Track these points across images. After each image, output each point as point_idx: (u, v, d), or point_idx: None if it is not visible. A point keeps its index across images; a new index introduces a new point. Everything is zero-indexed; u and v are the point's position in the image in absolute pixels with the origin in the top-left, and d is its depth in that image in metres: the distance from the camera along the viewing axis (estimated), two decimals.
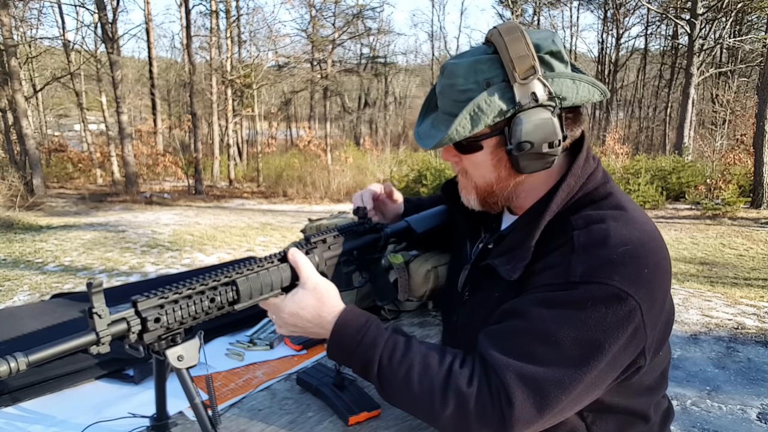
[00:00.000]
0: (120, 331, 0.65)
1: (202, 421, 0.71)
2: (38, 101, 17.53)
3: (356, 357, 0.80)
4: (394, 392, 0.78)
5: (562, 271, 0.75)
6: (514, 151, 0.78)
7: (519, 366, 0.71)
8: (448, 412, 0.72)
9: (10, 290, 4.96)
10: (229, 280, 0.76)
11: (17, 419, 0.92)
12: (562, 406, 0.71)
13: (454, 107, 0.80)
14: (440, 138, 0.79)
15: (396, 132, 24.12)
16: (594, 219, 0.78)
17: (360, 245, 1.02)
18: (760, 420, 2.67)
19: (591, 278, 0.72)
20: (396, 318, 1.36)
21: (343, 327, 0.81)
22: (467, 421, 0.72)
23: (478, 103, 0.76)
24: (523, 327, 0.74)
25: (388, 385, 0.78)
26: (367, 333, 0.80)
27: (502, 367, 0.71)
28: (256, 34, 17.32)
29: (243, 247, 6.93)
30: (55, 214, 9.79)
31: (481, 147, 0.82)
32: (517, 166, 0.81)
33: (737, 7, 14.31)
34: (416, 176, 11.37)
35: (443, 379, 0.74)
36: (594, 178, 0.84)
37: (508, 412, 0.69)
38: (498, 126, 0.79)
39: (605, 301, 0.71)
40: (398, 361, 0.77)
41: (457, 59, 0.81)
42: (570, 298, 0.72)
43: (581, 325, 0.71)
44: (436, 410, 0.73)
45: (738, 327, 3.92)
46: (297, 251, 0.85)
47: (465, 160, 0.87)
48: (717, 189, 9.05)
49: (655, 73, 22.56)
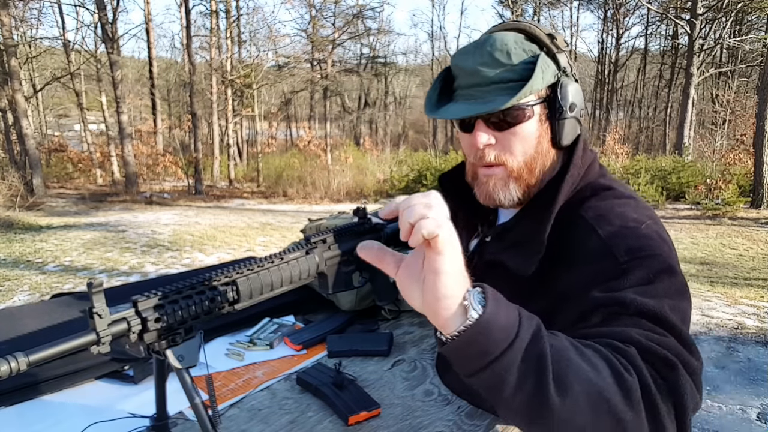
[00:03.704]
0: (120, 331, 0.65)
1: (202, 421, 0.71)
2: (38, 101, 17.53)
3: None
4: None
5: (607, 259, 0.72)
6: (566, 113, 0.82)
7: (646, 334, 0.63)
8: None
9: (10, 290, 4.96)
10: (228, 280, 0.76)
11: (17, 419, 0.92)
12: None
13: (511, 72, 0.79)
14: (514, 95, 0.76)
15: (396, 132, 24.12)
16: (604, 208, 0.80)
17: None
18: (760, 420, 2.67)
19: (640, 253, 0.71)
20: (396, 318, 1.36)
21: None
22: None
23: (544, 60, 0.79)
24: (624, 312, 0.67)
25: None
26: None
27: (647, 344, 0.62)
28: (256, 34, 17.33)
29: (243, 247, 6.93)
30: (55, 214, 9.79)
31: (530, 115, 0.82)
32: (560, 134, 0.83)
33: (737, 7, 14.31)
34: (416, 176, 11.37)
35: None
36: (593, 168, 0.87)
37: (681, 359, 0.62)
38: (541, 95, 0.82)
39: (664, 270, 0.70)
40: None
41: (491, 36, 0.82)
42: (638, 278, 0.69)
43: (667, 293, 0.68)
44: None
45: (738, 327, 3.92)
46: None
47: (506, 137, 0.82)
48: (717, 189, 9.05)
49: (655, 73, 22.55)
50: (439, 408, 0.95)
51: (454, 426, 0.89)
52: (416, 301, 0.55)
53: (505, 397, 0.54)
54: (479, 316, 0.52)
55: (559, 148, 0.87)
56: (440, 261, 0.51)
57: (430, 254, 0.51)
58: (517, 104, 0.79)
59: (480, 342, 0.52)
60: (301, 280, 0.89)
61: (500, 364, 0.52)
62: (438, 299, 0.52)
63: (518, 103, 0.78)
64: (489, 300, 0.54)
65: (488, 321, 0.52)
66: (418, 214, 0.50)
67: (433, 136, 23.43)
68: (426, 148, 19.77)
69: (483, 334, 0.52)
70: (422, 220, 0.50)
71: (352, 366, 1.10)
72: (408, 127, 25.57)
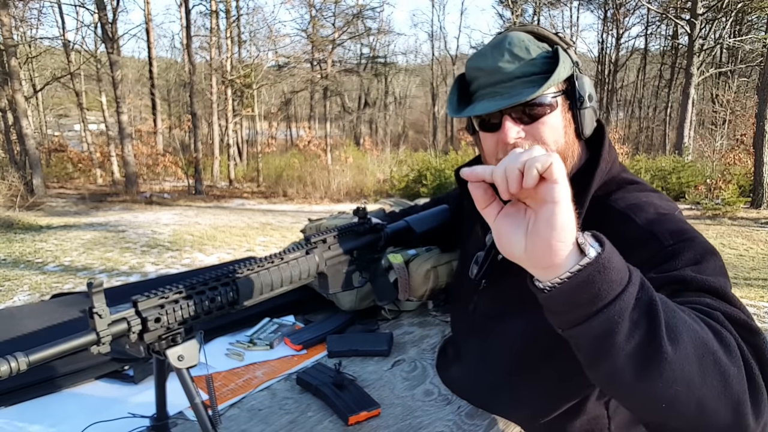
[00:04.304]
0: (120, 331, 0.65)
1: (202, 421, 0.71)
2: (38, 101, 17.52)
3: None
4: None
5: (652, 243, 0.73)
6: (586, 103, 0.85)
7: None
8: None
9: (10, 290, 4.96)
10: (228, 280, 0.76)
11: (17, 419, 0.92)
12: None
13: (532, 66, 0.82)
14: (539, 87, 0.78)
15: (396, 132, 24.12)
16: (634, 199, 0.82)
17: (360, 245, 1.02)
18: None
19: (683, 236, 0.73)
20: (396, 318, 1.36)
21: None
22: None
23: (563, 54, 0.82)
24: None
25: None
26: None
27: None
28: (256, 34, 17.32)
29: (243, 247, 6.93)
30: (55, 214, 9.79)
31: (555, 105, 0.84)
32: (582, 123, 0.86)
33: (737, 7, 14.29)
34: (416, 176, 11.37)
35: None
36: (616, 164, 0.90)
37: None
38: (560, 88, 0.85)
39: (708, 251, 0.71)
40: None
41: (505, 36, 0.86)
42: (688, 258, 0.70)
43: (716, 271, 0.69)
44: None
45: None
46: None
47: (535, 128, 0.83)
48: (717, 189, 9.04)
49: (655, 73, 22.54)
50: (439, 408, 0.95)
51: (454, 426, 0.89)
52: (518, 247, 0.53)
53: (615, 347, 0.50)
54: (598, 254, 0.50)
55: (581, 140, 0.90)
56: (558, 189, 0.49)
57: (545, 187, 0.49)
58: (542, 96, 0.81)
59: (597, 282, 0.49)
60: (301, 280, 0.89)
61: (615, 308, 0.49)
62: (556, 231, 0.49)
63: (544, 93, 0.81)
64: (605, 241, 0.52)
65: (608, 260, 0.50)
66: (523, 157, 0.50)
67: (433, 136, 23.44)
68: (426, 148, 19.78)
69: (601, 273, 0.49)
70: (529, 159, 0.49)
71: (352, 366, 1.10)
72: (408, 127, 25.56)
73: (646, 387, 0.52)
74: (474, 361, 0.99)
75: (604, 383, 0.57)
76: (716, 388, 0.52)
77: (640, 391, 0.53)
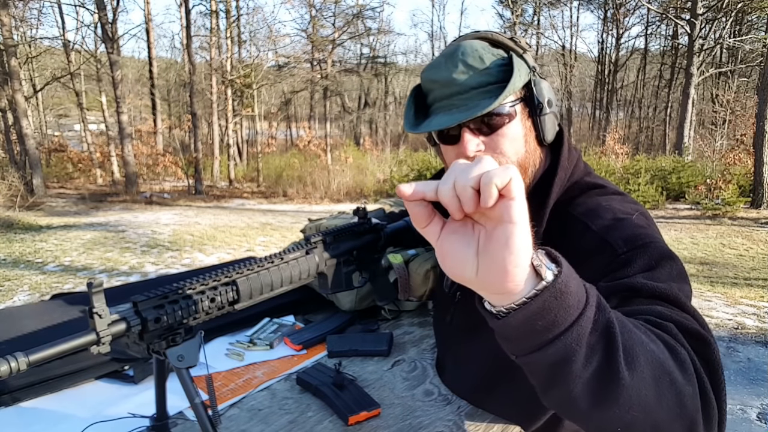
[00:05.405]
0: (120, 331, 0.65)
1: (202, 421, 0.71)
2: (38, 101, 17.53)
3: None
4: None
5: (605, 252, 0.73)
6: (545, 109, 0.83)
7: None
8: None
9: (10, 290, 4.96)
10: (228, 280, 0.76)
11: (17, 419, 0.92)
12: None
13: (487, 76, 0.80)
14: (496, 97, 0.76)
15: (396, 132, 24.10)
16: (592, 204, 0.81)
17: (360, 245, 1.02)
18: (760, 420, 2.67)
19: (637, 242, 0.72)
20: (396, 318, 1.36)
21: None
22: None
23: (516, 60, 0.80)
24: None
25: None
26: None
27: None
28: (256, 34, 17.32)
29: (243, 247, 6.93)
30: (55, 214, 9.78)
31: (514, 114, 0.82)
32: (543, 130, 0.84)
33: (737, 7, 14.30)
34: (416, 176, 11.36)
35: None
36: (578, 167, 0.89)
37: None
38: (518, 95, 0.83)
39: (664, 255, 0.71)
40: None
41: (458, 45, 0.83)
42: (641, 265, 0.69)
43: (671, 277, 0.68)
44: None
45: (738, 327, 3.92)
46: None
47: (494, 140, 0.82)
48: (717, 189, 9.04)
49: (655, 73, 22.54)
50: (439, 408, 0.95)
51: (454, 426, 0.89)
52: (468, 270, 0.46)
53: (571, 374, 0.47)
54: (555, 277, 0.45)
55: (543, 146, 0.88)
56: (516, 208, 0.42)
57: (503, 205, 0.43)
58: (500, 106, 0.80)
59: (553, 309, 0.45)
60: (301, 280, 0.89)
61: (572, 335, 0.46)
62: (513, 255, 0.43)
63: (501, 104, 0.79)
64: (562, 260, 0.47)
65: (564, 283, 0.45)
66: (474, 172, 0.43)
67: None
68: (426, 148, 19.76)
69: (558, 299, 0.45)
70: (484, 176, 0.42)
71: (352, 366, 1.10)
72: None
73: (603, 413, 0.50)
74: (454, 369, 1.00)
75: (559, 409, 0.55)
76: (672, 410, 0.51)
77: (597, 417, 0.51)
